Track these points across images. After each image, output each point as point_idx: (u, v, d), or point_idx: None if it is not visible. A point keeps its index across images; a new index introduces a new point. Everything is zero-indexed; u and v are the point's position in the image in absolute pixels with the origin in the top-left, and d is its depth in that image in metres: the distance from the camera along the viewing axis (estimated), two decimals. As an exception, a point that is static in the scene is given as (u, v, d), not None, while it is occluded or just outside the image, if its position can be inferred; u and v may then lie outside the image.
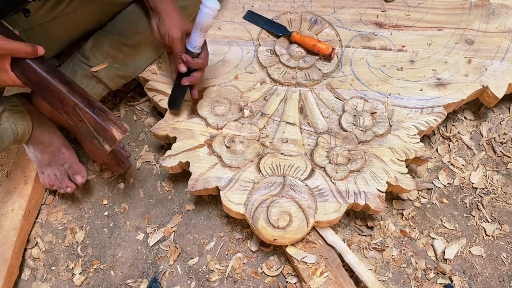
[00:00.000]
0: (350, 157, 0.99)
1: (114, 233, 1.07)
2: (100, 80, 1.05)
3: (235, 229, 1.06)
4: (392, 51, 1.14)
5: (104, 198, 1.11)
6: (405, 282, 0.99)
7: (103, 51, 1.03)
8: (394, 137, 1.02)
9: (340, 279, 0.93)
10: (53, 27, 0.96)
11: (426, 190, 1.10)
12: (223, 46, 1.15)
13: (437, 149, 1.16)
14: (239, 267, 1.01)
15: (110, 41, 1.03)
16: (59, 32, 1.00)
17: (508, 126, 1.19)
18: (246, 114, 1.05)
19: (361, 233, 1.05)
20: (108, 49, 1.03)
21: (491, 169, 1.12)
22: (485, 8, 1.20)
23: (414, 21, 1.19)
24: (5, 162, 1.09)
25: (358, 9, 1.21)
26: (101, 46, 1.03)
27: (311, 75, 1.10)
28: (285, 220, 0.93)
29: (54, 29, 0.97)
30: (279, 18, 1.19)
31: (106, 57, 1.04)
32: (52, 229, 1.08)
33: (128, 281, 1.01)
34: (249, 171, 0.98)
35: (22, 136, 0.97)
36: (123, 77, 1.08)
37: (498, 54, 1.12)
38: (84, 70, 1.03)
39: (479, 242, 1.03)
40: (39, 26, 0.93)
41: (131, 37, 1.04)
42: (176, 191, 1.12)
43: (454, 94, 1.06)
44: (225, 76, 1.11)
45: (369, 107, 1.05)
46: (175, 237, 1.06)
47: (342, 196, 0.95)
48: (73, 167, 1.04)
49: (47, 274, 1.02)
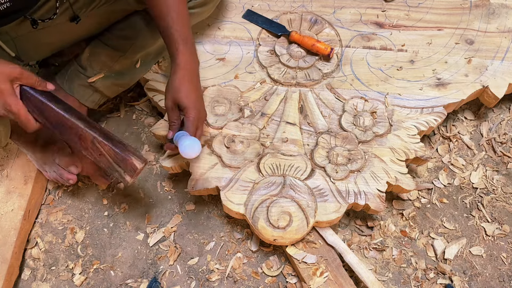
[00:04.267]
0: (350, 157, 0.99)
1: (114, 233, 1.07)
2: (97, 89, 1.04)
3: (235, 229, 1.06)
4: (392, 51, 1.14)
5: (104, 198, 1.11)
6: (405, 282, 0.99)
7: (100, 61, 1.03)
8: (394, 137, 1.02)
9: (340, 279, 0.93)
10: (42, 35, 0.93)
11: (426, 190, 1.10)
12: (223, 46, 1.15)
13: (437, 149, 1.16)
14: (239, 267, 1.01)
15: (107, 52, 1.03)
16: (49, 39, 0.98)
17: (508, 126, 1.19)
18: (246, 114, 1.05)
19: (361, 233, 1.05)
20: (105, 59, 1.03)
21: (491, 169, 1.12)
22: (485, 8, 1.20)
23: (414, 21, 1.19)
24: (5, 162, 1.09)
25: (358, 9, 1.21)
26: (98, 56, 1.03)
27: (311, 75, 1.10)
28: (285, 220, 0.93)
29: (44, 36, 0.94)
30: (279, 18, 1.19)
31: (103, 67, 1.03)
32: (52, 229, 1.08)
33: (128, 281, 1.01)
34: (249, 171, 0.98)
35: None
36: (120, 85, 1.08)
37: (498, 54, 1.12)
38: (81, 80, 1.03)
39: (479, 242, 1.03)
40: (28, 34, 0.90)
41: (129, 49, 1.03)
42: (176, 191, 1.12)
43: (454, 94, 1.06)
44: (225, 76, 1.11)
45: (369, 107, 1.05)
46: (175, 237, 1.06)
47: (342, 196, 0.95)
48: (64, 160, 1.03)
49: (47, 274, 1.02)
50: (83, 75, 1.03)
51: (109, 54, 1.03)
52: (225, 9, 1.21)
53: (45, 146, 1.03)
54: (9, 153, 1.10)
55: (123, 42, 1.03)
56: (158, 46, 1.08)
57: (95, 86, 1.03)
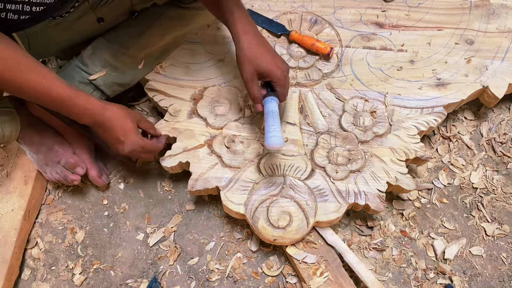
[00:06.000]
0: (350, 157, 0.99)
1: (114, 233, 1.07)
2: (97, 87, 1.04)
3: (235, 229, 1.06)
4: (392, 51, 1.14)
5: (104, 198, 1.11)
6: (405, 282, 0.99)
7: (102, 59, 1.03)
8: (394, 137, 1.02)
9: (340, 279, 0.93)
10: (54, 32, 0.95)
11: (426, 190, 1.10)
12: (223, 46, 1.15)
13: (437, 149, 1.16)
14: (239, 267, 1.01)
15: (110, 50, 1.03)
16: (60, 38, 0.99)
17: (508, 126, 1.19)
18: (246, 114, 1.05)
19: (361, 233, 1.05)
20: (108, 57, 1.03)
21: (491, 169, 1.12)
22: (485, 8, 1.20)
23: (414, 21, 1.19)
24: (5, 162, 1.09)
25: (358, 9, 1.21)
26: (100, 54, 1.03)
27: (311, 75, 1.10)
28: (285, 220, 0.93)
29: (56, 34, 0.96)
30: (279, 18, 1.19)
31: (105, 65, 1.03)
32: (52, 229, 1.08)
33: (128, 281, 1.01)
34: (249, 171, 0.98)
35: (9, 138, 0.95)
36: (121, 85, 1.08)
37: (498, 54, 1.12)
38: (81, 77, 1.03)
39: (479, 242, 1.03)
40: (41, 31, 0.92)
41: (132, 47, 1.03)
42: (176, 191, 1.12)
43: (454, 94, 1.06)
44: (225, 76, 1.11)
45: (369, 107, 1.05)
46: (175, 237, 1.06)
47: (342, 196, 0.95)
48: (69, 162, 1.03)
49: (47, 274, 1.02)
50: (84, 72, 1.03)
51: (111, 52, 1.03)
52: (225, 9, 1.21)
53: (49, 148, 1.04)
54: (9, 153, 1.10)
55: (127, 39, 1.03)
56: (161, 46, 1.09)
57: (96, 84, 1.03)
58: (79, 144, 1.07)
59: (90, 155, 1.08)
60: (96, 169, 1.07)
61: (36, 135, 1.03)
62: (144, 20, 1.04)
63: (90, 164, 1.07)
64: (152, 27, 1.04)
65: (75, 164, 1.03)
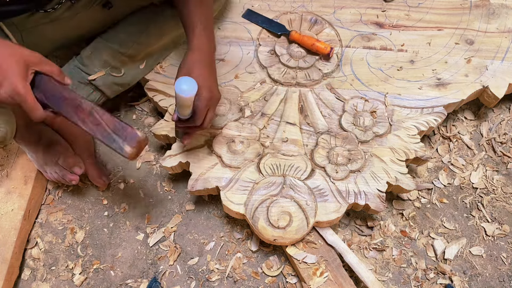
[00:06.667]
0: (350, 157, 0.99)
1: (114, 233, 1.07)
2: (97, 87, 1.04)
3: (235, 229, 1.06)
4: (392, 51, 1.14)
5: (104, 198, 1.11)
6: (405, 282, 0.99)
7: (102, 59, 1.02)
8: (394, 137, 1.02)
9: (340, 279, 0.93)
10: (49, 30, 0.94)
11: (426, 190, 1.10)
12: (223, 46, 1.15)
13: (437, 149, 1.16)
14: (239, 267, 1.01)
15: (109, 50, 1.03)
16: (55, 35, 0.98)
17: (508, 126, 1.19)
18: (246, 114, 1.05)
19: (361, 233, 1.05)
20: (107, 57, 1.02)
21: (491, 169, 1.12)
22: (485, 8, 1.20)
23: (414, 21, 1.19)
24: (5, 162, 1.09)
25: (358, 9, 1.21)
26: (99, 54, 1.03)
27: (311, 75, 1.10)
28: (285, 220, 0.93)
29: (50, 31, 0.95)
30: (279, 18, 1.19)
31: (104, 65, 1.03)
32: (52, 229, 1.08)
33: (128, 281, 1.01)
34: (249, 171, 0.98)
35: (4, 138, 0.91)
36: (121, 85, 1.08)
37: (498, 54, 1.12)
38: (81, 77, 1.03)
39: (479, 242, 1.03)
40: (35, 28, 0.91)
41: (131, 48, 1.03)
42: (176, 191, 1.12)
43: (454, 94, 1.06)
44: (225, 76, 1.11)
45: (369, 107, 1.05)
46: (175, 237, 1.06)
47: (342, 196, 0.95)
48: (67, 161, 1.03)
49: (47, 274, 1.02)
50: (83, 72, 1.03)
51: (110, 52, 1.03)
52: (225, 9, 1.21)
53: (48, 147, 1.03)
54: (9, 153, 1.10)
55: (126, 39, 1.03)
56: (161, 46, 1.09)
57: (95, 84, 1.03)
58: (79, 144, 1.07)
59: (90, 155, 1.08)
60: (96, 169, 1.08)
61: (34, 134, 1.03)
62: (143, 20, 1.04)
63: (90, 164, 1.07)
64: (151, 27, 1.04)
65: (73, 164, 1.03)
